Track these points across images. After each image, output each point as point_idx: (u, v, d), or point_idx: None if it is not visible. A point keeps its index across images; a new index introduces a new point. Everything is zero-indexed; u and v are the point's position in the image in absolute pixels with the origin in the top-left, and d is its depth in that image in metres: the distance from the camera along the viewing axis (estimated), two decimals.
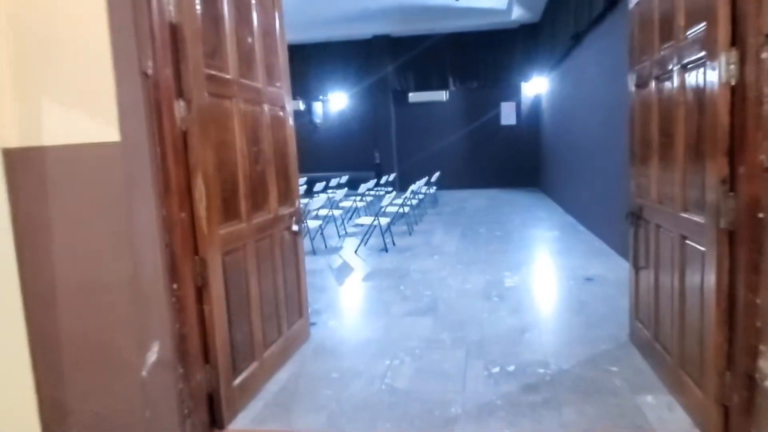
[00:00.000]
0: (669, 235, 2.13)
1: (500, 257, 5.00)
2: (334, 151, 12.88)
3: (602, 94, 5.62)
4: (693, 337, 1.93)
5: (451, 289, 4.00)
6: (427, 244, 5.91)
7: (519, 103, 11.61)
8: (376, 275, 4.59)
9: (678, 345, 2.08)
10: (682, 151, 1.95)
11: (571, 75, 7.52)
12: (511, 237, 6.04)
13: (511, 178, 11.75)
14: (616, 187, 4.99)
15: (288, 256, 2.83)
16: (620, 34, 4.89)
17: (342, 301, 3.85)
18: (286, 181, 2.82)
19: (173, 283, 1.93)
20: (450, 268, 4.68)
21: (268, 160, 2.60)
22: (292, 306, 2.86)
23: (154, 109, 1.85)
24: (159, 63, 1.85)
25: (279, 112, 2.76)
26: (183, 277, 1.97)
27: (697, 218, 1.85)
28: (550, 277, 4.21)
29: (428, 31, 11.47)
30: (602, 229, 5.56)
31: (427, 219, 7.84)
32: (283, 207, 2.77)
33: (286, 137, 2.84)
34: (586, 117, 6.41)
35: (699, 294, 1.85)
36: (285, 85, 2.85)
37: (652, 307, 2.39)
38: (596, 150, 5.87)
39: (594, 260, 4.65)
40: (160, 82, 1.86)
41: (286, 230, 2.79)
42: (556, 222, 6.96)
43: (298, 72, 12.55)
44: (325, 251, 5.80)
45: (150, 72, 1.83)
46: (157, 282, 1.88)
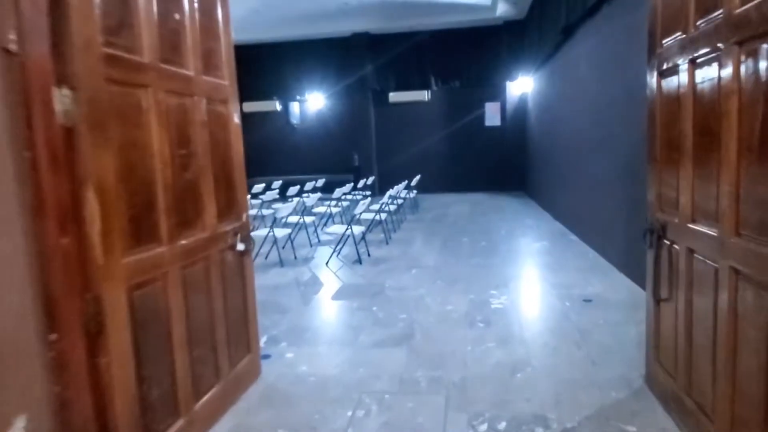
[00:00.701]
0: (709, 266, 1.69)
1: (485, 272, 4.56)
2: (312, 153, 12.36)
3: (596, 91, 5.25)
4: (750, 402, 1.49)
5: (430, 311, 3.53)
6: (404, 255, 5.44)
7: (504, 103, 11.26)
8: (347, 292, 4.10)
9: (725, 408, 1.63)
10: (734, 153, 1.50)
11: (561, 73, 7.17)
12: (497, 248, 5.62)
13: (496, 182, 11.40)
14: (613, 193, 4.61)
15: (232, 281, 2.32)
16: (618, 26, 4.51)
17: (305, 326, 3.34)
18: (229, 192, 2.31)
19: (50, 333, 1.42)
20: (429, 284, 4.22)
21: (203, 167, 2.09)
22: (236, 341, 2.35)
23: (20, 99, 1.34)
24: (29, 36, 1.34)
25: (220, 107, 2.26)
26: (65, 324, 1.45)
27: (763, 248, 1.40)
28: (543, 298, 3.77)
29: (409, 28, 11.05)
30: (598, 240, 5.18)
31: (406, 226, 7.38)
32: (225, 222, 2.26)
33: (230, 138, 2.33)
34: (578, 117, 6.04)
35: (764, 349, 1.40)
36: (229, 75, 2.34)
37: (681, 352, 1.95)
38: (589, 152, 5.50)
39: (591, 277, 4.24)
40: (29, 62, 1.35)
41: (228, 250, 2.29)
42: (545, 230, 6.57)
43: (275, 71, 12.00)
44: (294, 263, 5.28)
45: (14, 48, 1.32)
46: (23, 332, 1.37)
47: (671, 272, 2.04)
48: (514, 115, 11.20)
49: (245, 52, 11.94)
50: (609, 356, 2.68)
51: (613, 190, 4.62)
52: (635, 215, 4.00)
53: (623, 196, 4.31)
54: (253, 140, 12.56)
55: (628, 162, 4.17)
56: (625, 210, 4.24)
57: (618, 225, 4.42)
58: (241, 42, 11.71)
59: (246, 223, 2.44)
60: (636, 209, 3.98)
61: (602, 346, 2.80)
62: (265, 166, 12.51)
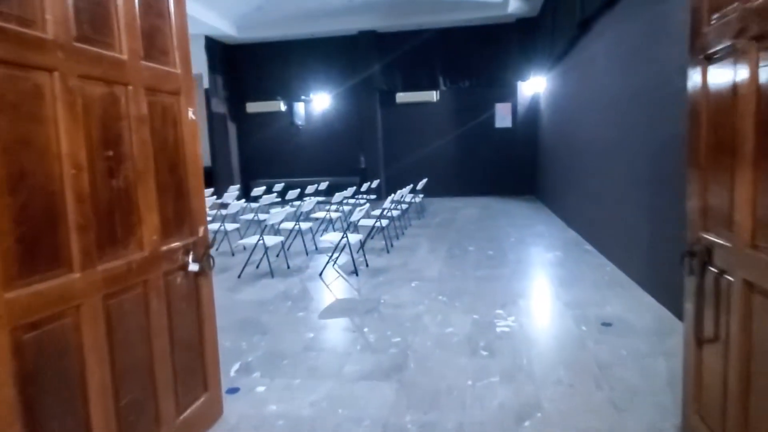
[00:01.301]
0: None
1: (492, 287, 4.13)
2: (317, 155, 12.02)
3: (615, 89, 4.79)
4: None
5: (428, 333, 3.12)
6: (405, 265, 5.04)
7: (515, 104, 10.79)
8: (338, 309, 3.71)
9: None
10: None
11: (576, 71, 6.71)
12: (505, 258, 5.18)
13: (506, 185, 10.92)
14: (636, 200, 4.15)
15: (182, 309, 1.94)
16: (640, 16, 4.06)
17: (284, 350, 2.96)
18: (179, 201, 1.94)
19: None
20: (429, 301, 3.81)
21: (141, 172, 1.72)
22: (188, 380, 1.98)
23: None
24: None
25: (168, 99, 1.88)
26: None
27: None
28: (555, 320, 3.33)
29: (417, 26, 10.68)
30: (616, 252, 4.72)
31: (410, 232, 6.97)
32: (173, 239, 1.89)
33: (182, 137, 1.96)
34: (594, 117, 5.58)
35: None
36: (182, 62, 1.97)
37: (732, 407, 1.53)
38: (607, 155, 5.04)
39: (609, 294, 3.79)
40: None
41: (178, 271, 1.91)
42: (557, 239, 6.11)
43: (279, 70, 11.71)
44: (286, 273, 4.91)
45: None
46: None
47: (719, 308, 1.61)
48: (525, 116, 10.73)
49: (248, 50, 11.71)
50: (635, 399, 2.24)
51: (635, 197, 4.16)
52: (661, 226, 3.55)
53: (647, 203, 3.85)
54: (256, 141, 12.31)
55: (654, 165, 3.72)
56: (650, 219, 3.79)
57: (640, 236, 3.97)
58: (244, 40, 11.47)
59: (203, 238, 2.06)
60: (663, 219, 3.52)
61: (626, 385, 2.37)
62: (268, 168, 12.22)
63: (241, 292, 4.31)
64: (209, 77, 10.99)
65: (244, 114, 12.04)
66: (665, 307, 3.43)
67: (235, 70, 11.72)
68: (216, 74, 11.20)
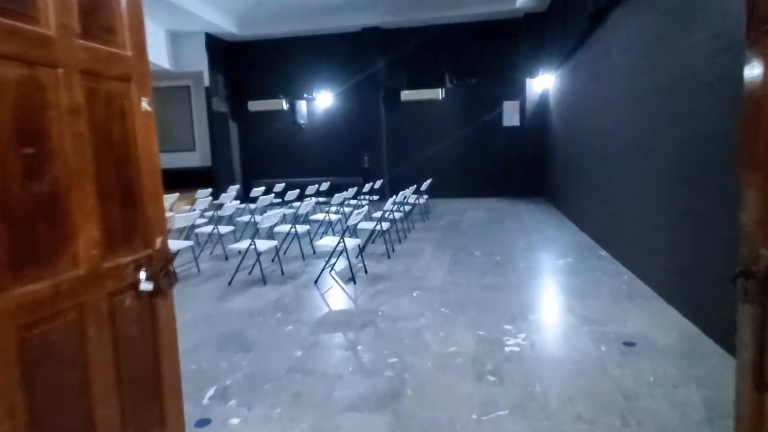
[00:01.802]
0: None
1: (499, 298, 3.80)
2: (320, 154, 11.76)
3: (633, 84, 4.44)
4: None
5: (428, 352, 2.81)
6: (407, 272, 4.72)
7: (523, 102, 10.43)
8: (331, 322, 3.41)
9: None
10: None
11: (588, 66, 6.35)
12: (514, 264, 4.85)
13: (514, 186, 10.56)
14: (658, 202, 3.81)
15: (132, 336, 1.64)
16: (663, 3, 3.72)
17: (267, 372, 2.66)
18: (128, 208, 1.64)
19: None
20: (431, 313, 3.49)
21: (76, 173, 1.42)
22: (141, 418, 1.67)
23: None
24: None
25: (115, 86, 1.58)
26: None
27: None
28: (571, 338, 2.99)
29: (423, 22, 10.37)
30: (635, 259, 4.37)
31: (413, 235, 6.65)
32: (120, 253, 1.59)
33: (133, 131, 1.66)
34: (610, 114, 5.23)
35: None
36: (135, 43, 1.67)
37: None
38: (625, 154, 4.69)
39: (629, 307, 3.45)
40: None
41: (128, 291, 1.62)
42: (569, 243, 5.76)
43: (281, 68, 11.44)
44: (280, 280, 4.62)
45: None
46: None
47: None
48: (534, 114, 10.37)
49: (250, 48, 11.46)
50: None
51: (657, 199, 3.82)
52: (688, 231, 3.20)
53: (672, 206, 3.51)
54: (258, 141, 12.05)
55: (679, 165, 3.38)
56: (674, 224, 3.44)
57: (663, 242, 3.62)
58: (245, 37, 11.21)
59: (161, 250, 1.76)
60: (690, 224, 3.18)
61: (657, 422, 2.04)
62: (270, 168, 11.97)
63: (230, 301, 4.02)
64: (210, 75, 10.75)
65: (245, 113, 11.80)
66: (693, 323, 3.09)
67: (236, 68, 11.48)
68: (217, 72, 10.97)
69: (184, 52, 10.58)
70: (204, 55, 10.58)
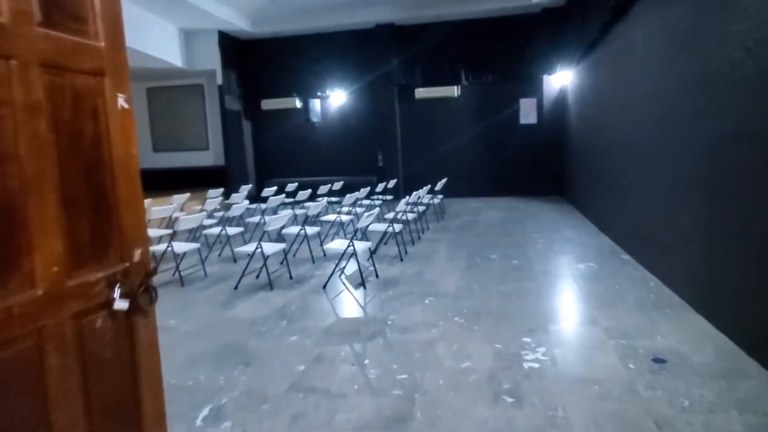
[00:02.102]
0: None
1: (517, 306, 3.57)
2: (334, 153, 11.61)
3: (658, 79, 4.15)
4: None
5: (440, 368, 2.60)
6: (419, 277, 4.51)
7: (541, 99, 10.10)
8: (338, 332, 3.22)
9: None
10: None
11: (609, 61, 6.03)
12: (532, 269, 4.59)
13: (532, 185, 10.24)
14: (687, 204, 3.52)
15: (105, 361, 1.48)
16: None
17: (266, 390, 2.49)
18: (101, 218, 1.47)
19: None
20: (444, 322, 3.28)
21: (34, 179, 1.25)
22: None
23: None
24: None
25: (84, 81, 1.41)
26: None
27: None
28: (596, 354, 2.72)
29: (438, 18, 10.13)
30: (662, 265, 4.08)
31: (427, 236, 6.43)
32: (89, 268, 1.41)
33: (106, 132, 1.48)
34: (633, 111, 4.93)
35: None
36: (109, 33, 1.50)
37: None
38: (650, 152, 4.39)
39: (657, 318, 3.18)
40: None
41: (100, 311, 1.45)
42: (590, 246, 5.47)
43: (294, 66, 11.32)
44: (288, 285, 4.45)
45: None
46: None
47: None
48: (552, 111, 10.03)
49: (263, 46, 11.35)
50: None
51: (685, 201, 3.53)
52: (725, 238, 2.92)
53: (703, 209, 3.23)
54: (271, 139, 11.95)
55: (712, 165, 3.09)
56: (708, 228, 3.16)
57: (695, 248, 3.34)
58: (258, 35, 11.12)
59: (141, 263, 1.59)
60: (725, 228, 2.90)
61: None
62: (284, 167, 11.88)
63: (234, 308, 3.87)
64: (223, 74, 10.70)
65: (258, 111, 11.72)
66: (729, 338, 2.81)
67: (249, 66, 11.41)
68: (230, 71, 10.91)
69: (197, 50, 10.53)
70: (217, 54, 10.53)
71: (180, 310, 3.90)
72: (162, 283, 4.72)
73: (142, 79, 11.97)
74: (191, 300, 4.16)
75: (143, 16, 8.85)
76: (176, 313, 3.81)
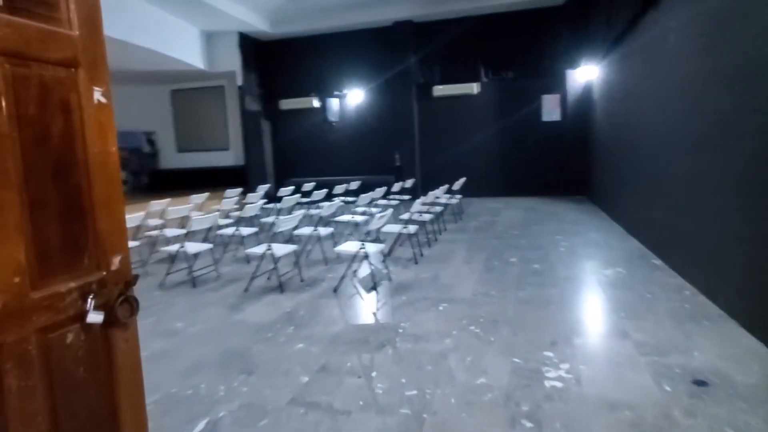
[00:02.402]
0: None
1: (538, 315, 3.34)
2: (351, 152, 11.49)
3: (694, 71, 3.84)
4: None
5: (453, 384, 2.41)
6: (434, 281, 4.32)
7: (564, 94, 9.74)
8: (346, 340, 3.06)
9: None
10: None
11: (640, 53, 5.70)
12: (554, 274, 4.35)
13: (554, 184, 9.89)
14: (727, 206, 3.23)
15: (78, 380, 1.35)
16: None
17: (268, 401, 2.34)
18: (72, 222, 1.34)
19: None
20: (458, 332, 3.08)
21: None
22: None
23: None
24: None
25: (53, 73, 1.29)
26: None
27: None
28: (626, 373, 2.46)
29: (456, 13, 9.89)
30: (698, 271, 3.78)
31: (444, 237, 6.23)
32: (59, 278, 1.29)
33: (79, 128, 1.35)
34: (666, 105, 4.62)
35: None
36: (84, 20, 1.37)
37: None
38: (685, 149, 4.09)
39: (694, 332, 2.91)
40: None
41: (71, 325, 1.32)
42: (616, 249, 5.18)
43: (312, 66, 11.25)
44: (299, 288, 4.33)
45: None
46: None
47: None
48: (576, 107, 9.66)
49: (282, 46, 11.31)
50: None
51: (725, 202, 3.24)
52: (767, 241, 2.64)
53: (745, 212, 2.94)
54: (290, 139, 11.92)
55: (753, 163, 2.81)
56: (749, 232, 2.88)
57: (738, 253, 3.05)
58: (277, 36, 11.10)
59: (120, 271, 1.46)
60: None
61: None
62: (302, 166, 11.83)
63: (242, 311, 3.76)
64: (243, 75, 10.71)
65: (277, 111, 11.71)
66: None
67: (268, 67, 11.40)
68: (249, 71, 10.92)
69: (218, 52, 10.58)
70: (237, 55, 10.56)
71: (189, 312, 3.82)
72: (175, 284, 4.66)
73: (166, 82, 12.13)
74: (201, 302, 4.08)
75: (168, 20, 8.93)
76: (185, 316, 3.72)
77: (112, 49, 7.83)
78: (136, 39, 7.82)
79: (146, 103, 12.50)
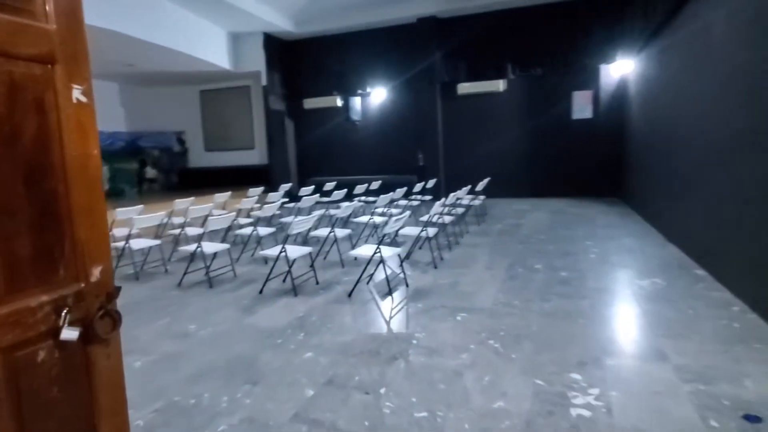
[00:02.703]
0: None
1: (564, 330, 3.10)
2: (374, 151, 11.37)
3: (743, 61, 3.51)
4: None
5: (467, 407, 2.22)
6: (453, 287, 4.12)
7: (597, 91, 9.31)
8: (356, 350, 2.91)
9: None
10: None
11: (680, 46, 5.33)
12: (583, 284, 4.08)
13: (585, 185, 9.48)
14: None
15: (51, 400, 1.24)
16: None
17: (270, 416, 2.22)
18: (46, 230, 1.23)
19: None
20: (476, 346, 2.89)
21: None
22: None
23: None
24: None
25: (25, 70, 1.17)
26: None
27: None
28: (666, 403, 2.19)
29: (482, 8, 9.59)
30: (748, 285, 3.46)
31: (466, 241, 6.01)
32: (29, 291, 1.18)
33: (55, 129, 1.24)
34: (711, 102, 4.27)
35: None
36: (62, 14, 1.26)
37: None
38: (734, 150, 3.76)
39: (746, 355, 2.62)
40: None
41: (43, 342, 1.21)
42: (654, 257, 4.84)
43: (335, 65, 11.16)
44: (313, 291, 4.21)
45: None
46: None
47: None
48: (609, 104, 9.22)
49: (305, 46, 11.27)
50: None
51: None
52: None
53: None
54: (313, 138, 11.89)
55: None
56: None
57: None
58: (301, 35, 11.06)
59: (100, 283, 1.34)
60: None
61: None
62: (325, 165, 11.78)
63: (254, 314, 3.67)
64: (267, 75, 10.75)
65: (301, 111, 11.71)
66: None
67: (292, 67, 11.40)
68: (273, 71, 10.94)
69: (243, 52, 10.67)
70: (262, 55, 10.60)
71: (202, 314, 3.76)
72: (192, 284, 4.64)
73: (196, 82, 12.33)
74: (215, 303, 4.02)
75: (197, 22, 9.07)
76: (198, 318, 3.66)
77: (144, 52, 7.89)
78: (167, 42, 8.05)
79: (177, 103, 12.72)
